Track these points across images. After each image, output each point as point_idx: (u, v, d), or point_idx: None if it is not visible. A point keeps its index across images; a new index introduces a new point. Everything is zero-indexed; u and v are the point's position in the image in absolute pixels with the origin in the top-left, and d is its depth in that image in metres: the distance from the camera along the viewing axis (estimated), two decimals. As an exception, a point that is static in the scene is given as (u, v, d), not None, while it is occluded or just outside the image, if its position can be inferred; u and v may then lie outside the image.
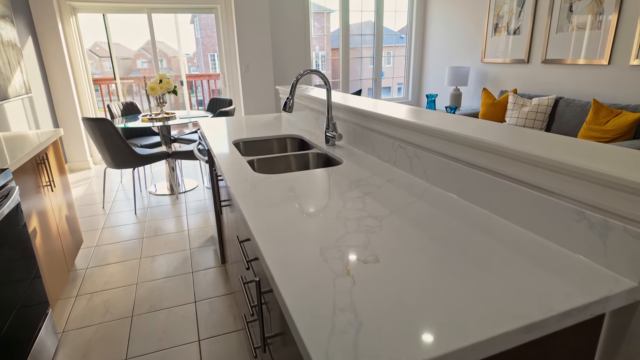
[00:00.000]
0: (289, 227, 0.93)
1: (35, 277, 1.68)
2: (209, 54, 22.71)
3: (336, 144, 1.79)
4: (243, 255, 1.07)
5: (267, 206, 1.06)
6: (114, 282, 2.30)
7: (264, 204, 1.08)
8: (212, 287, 2.23)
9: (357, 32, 5.83)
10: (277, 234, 0.90)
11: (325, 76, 1.68)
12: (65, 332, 1.88)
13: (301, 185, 1.23)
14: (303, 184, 1.24)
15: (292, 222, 0.96)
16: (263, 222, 0.96)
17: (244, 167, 1.45)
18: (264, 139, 2.04)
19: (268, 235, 0.89)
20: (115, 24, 4.81)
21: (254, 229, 0.93)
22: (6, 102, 3.13)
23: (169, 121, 3.59)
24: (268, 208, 1.05)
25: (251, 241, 0.97)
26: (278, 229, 0.92)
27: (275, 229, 0.93)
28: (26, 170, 1.81)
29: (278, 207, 1.06)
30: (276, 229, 0.93)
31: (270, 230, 0.92)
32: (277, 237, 0.88)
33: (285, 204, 1.08)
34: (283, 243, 0.86)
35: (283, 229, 0.92)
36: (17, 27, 3.58)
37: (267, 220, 0.98)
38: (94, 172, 4.50)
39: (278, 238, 0.88)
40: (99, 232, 2.97)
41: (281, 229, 0.93)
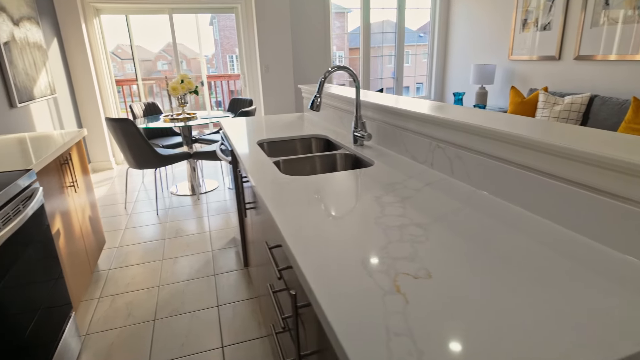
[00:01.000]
0: (325, 234, 0.86)
1: (59, 278, 1.66)
2: (228, 55, 22.92)
3: (365, 144, 1.71)
4: (273, 263, 1.00)
5: (299, 210, 0.99)
6: (136, 283, 2.28)
7: (295, 208, 1.01)
8: (234, 290, 2.18)
9: (377, 30, 5.73)
10: (312, 241, 0.83)
11: (354, 73, 1.60)
12: (88, 335, 1.86)
13: (332, 188, 1.15)
14: (334, 186, 1.17)
15: (327, 229, 0.88)
16: (296, 228, 0.89)
17: (270, 169, 1.39)
18: (288, 139, 1.97)
19: (302, 243, 0.82)
20: (137, 26, 4.84)
21: (288, 237, 0.86)
22: (32, 103, 3.17)
23: (191, 121, 3.57)
24: (299, 212, 0.98)
25: (283, 249, 0.90)
26: (313, 236, 0.85)
27: (309, 235, 0.85)
28: (50, 171, 1.79)
29: (310, 211, 0.98)
30: (311, 235, 0.85)
31: (305, 237, 0.85)
32: (312, 245, 0.81)
33: (318, 208, 1.00)
34: (320, 252, 0.78)
35: (318, 236, 0.85)
36: (42, 29, 3.62)
37: (299, 225, 0.90)
38: (116, 172, 4.53)
39: (314, 246, 0.81)
40: (121, 232, 2.97)
41: (316, 235, 0.85)
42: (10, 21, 2.91)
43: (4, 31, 2.79)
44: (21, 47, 3.05)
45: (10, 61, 2.84)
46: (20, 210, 1.34)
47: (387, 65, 6.27)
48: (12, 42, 2.90)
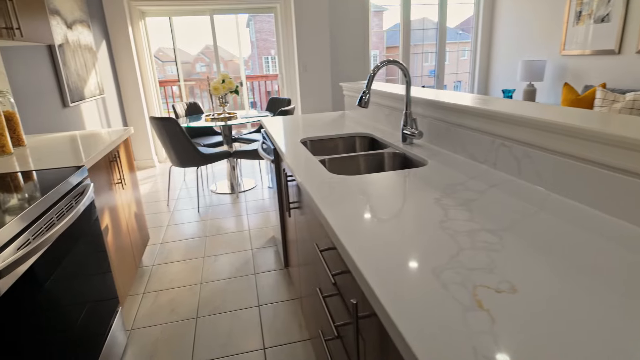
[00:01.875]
0: (386, 238, 0.79)
1: (107, 272, 1.69)
2: (263, 56, 23.27)
3: (414, 142, 1.62)
4: (326, 267, 0.94)
5: (353, 211, 0.93)
6: (179, 280, 2.30)
7: (349, 209, 0.94)
8: (275, 290, 2.15)
9: (415, 27, 5.57)
10: (372, 245, 0.76)
11: (405, 67, 1.52)
12: (133, 330, 1.89)
13: (386, 188, 1.08)
14: (388, 186, 1.10)
15: (387, 232, 0.82)
16: (352, 231, 0.83)
17: (317, 168, 1.34)
18: (331, 137, 1.92)
19: (362, 248, 0.76)
20: (177, 30, 4.96)
21: (345, 240, 0.79)
22: (82, 103, 3.30)
23: (231, 121, 3.60)
24: (354, 214, 0.92)
25: (340, 252, 0.84)
26: (372, 240, 0.78)
27: (368, 239, 0.79)
28: (100, 168, 1.83)
29: (365, 212, 0.92)
30: (370, 239, 0.79)
31: (363, 241, 0.78)
32: (373, 250, 0.74)
33: (373, 209, 0.94)
34: (382, 258, 0.72)
35: (379, 240, 0.78)
36: (92, 32, 3.78)
37: (356, 228, 0.84)
38: (158, 170, 4.66)
39: (375, 251, 0.74)
40: (164, 229, 3.02)
41: (376, 239, 0.79)
42: (64, 24, 3.04)
43: (59, 34, 2.92)
44: (74, 49, 3.18)
45: (64, 62, 2.96)
46: (73, 206, 1.37)
47: (424, 63, 6.12)
48: (65, 44, 3.02)
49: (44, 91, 2.68)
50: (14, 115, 1.89)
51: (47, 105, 2.69)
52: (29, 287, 1.05)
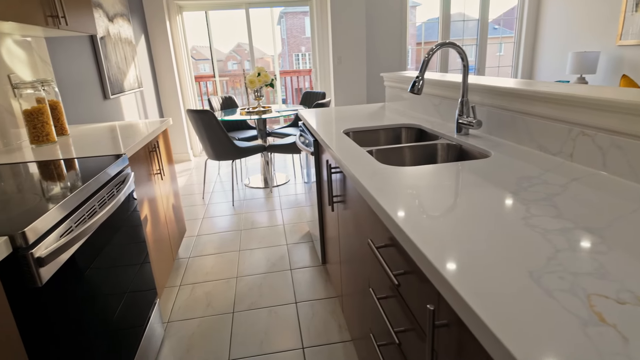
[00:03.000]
0: (462, 235, 0.69)
1: (145, 263, 1.66)
2: (294, 53, 23.35)
3: (470, 133, 1.50)
4: (385, 266, 0.85)
5: (416, 205, 0.83)
6: (214, 273, 2.27)
7: (411, 203, 0.84)
8: (311, 287, 2.07)
9: (453, 20, 5.33)
10: (447, 243, 0.66)
11: (463, 50, 1.39)
12: (170, 323, 1.86)
13: (450, 181, 0.97)
14: (452, 178, 0.99)
15: (461, 228, 0.71)
16: (420, 227, 0.73)
17: (366, 159, 1.24)
18: (376, 128, 1.81)
19: (435, 245, 0.66)
20: (211, 27, 4.97)
21: (414, 236, 0.70)
22: (122, 95, 3.34)
23: (266, 114, 3.56)
24: (418, 208, 0.82)
25: (406, 250, 0.75)
26: (445, 237, 0.68)
27: (440, 235, 0.69)
28: (139, 158, 1.81)
29: (432, 207, 0.82)
30: (442, 236, 0.69)
31: (434, 238, 0.68)
32: (450, 248, 0.64)
33: (441, 203, 0.83)
34: (463, 258, 0.61)
35: (453, 237, 0.68)
36: (132, 25, 3.83)
37: (423, 223, 0.74)
38: (194, 164, 4.70)
39: (452, 249, 0.64)
40: (199, 221, 3.02)
41: (450, 236, 0.68)
42: (106, 17, 3.08)
43: (101, 27, 2.96)
44: (114, 42, 3.22)
45: (105, 55, 3.00)
46: (114, 194, 1.34)
47: (457, 59, 5.94)
48: (107, 37, 3.06)
49: (86, 82, 2.72)
50: (58, 104, 1.90)
51: (88, 97, 2.73)
52: (70, 275, 1.02)
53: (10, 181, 1.21)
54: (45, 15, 1.65)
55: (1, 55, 1.78)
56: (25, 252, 0.84)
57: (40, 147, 1.70)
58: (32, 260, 0.85)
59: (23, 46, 1.95)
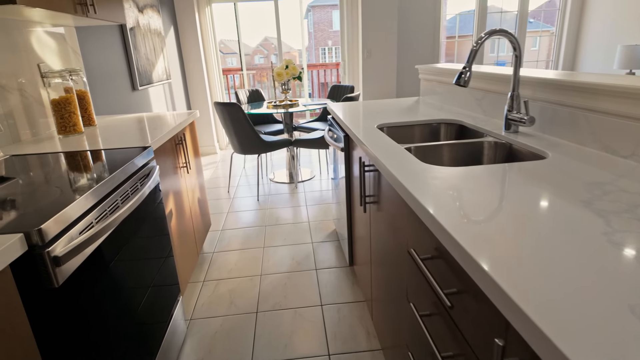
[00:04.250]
0: (535, 254, 0.57)
1: (169, 257, 1.62)
2: (320, 47, 23.21)
3: (520, 130, 1.36)
4: (434, 284, 0.75)
5: (471, 212, 0.72)
6: (238, 270, 2.22)
7: (465, 209, 0.74)
8: (338, 290, 1.99)
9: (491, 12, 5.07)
10: (517, 263, 0.55)
11: (516, 39, 1.25)
12: (192, 320, 1.82)
13: (507, 185, 0.85)
14: (509, 182, 0.87)
15: (533, 245, 0.60)
16: (479, 241, 0.62)
17: (406, 157, 1.13)
18: (412, 124, 1.69)
19: (503, 266, 0.55)
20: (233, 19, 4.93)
21: (475, 252, 0.59)
22: (150, 87, 3.34)
23: (293, 108, 3.48)
24: (473, 215, 0.71)
25: (461, 265, 0.64)
26: (511, 253, 0.57)
27: (504, 251, 0.58)
28: (165, 150, 1.77)
29: (489, 215, 0.71)
30: (506, 251, 0.58)
31: (500, 256, 0.58)
32: (521, 270, 0.53)
33: (499, 211, 0.72)
34: (540, 282, 0.50)
35: (524, 255, 0.57)
36: (162, 17, 3.82)
37: (483, 236, 0.63)
38: (219, 157, 4.69)
39: (525, 271, 0.53)
40: (224, 216, 2.98)
41: (516, 252, 0.57)
42: (136, 8, 3.07)
43: (131, 17, 2.94)
44: (144, 33, 3.21)
45: (135, 46, 2.99)
46: (138, 188, 1.28)
47: (489, 54, 5.70)
48: (136, 27, 3.05)
49: (115, 73, 2.71)
50: (86, 94, 1.87)
51: (117, 87, 2.72)
52: (89, 274, 0.96)
53: (34, 173, 1.18)
54: (74, 3, 1.61)
55: (31, 44, 1.77)
56: (42, 250, 0.78)
57: (67, 138, 1.68)
58: (49, 260, 0.79)
59: (54, 36, 1.94)
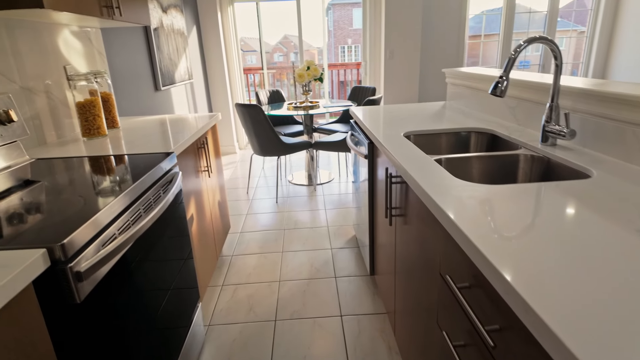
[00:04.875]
0: (594, 293, 0.52)
1: (190, 263, 1.60)
2: (340, 46, 23.10)
3: (558, 143, 1.28)
4: (472, 316, 0.69)
5: (515, 238, 0.66)
6: (257, 275, 2.19)
7: (508, 235, 0.68)
8: (357, 300, 1.94)
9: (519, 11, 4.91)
10: (576, 305, 0.50)
11: (557, 47, 1.18)
12: (211, 326, 1.80)
13: (551, 207, 0.79)
14: (552, 204, 0.80)
15: (590, 282, 0.54)
16: (526, 273, 0.57)
17: (437, 171, 1.07)
18: (441, 132, 1.63)
19: (559, 308, 0.50)
20: (254, 18, 4.91)
21: (523, 289, 0.54)
22: (173, 87, 3.35)
23: (313, 110, 3.44)
24: (518, 242, 0.65)
25: (506, 301, 0.59)
26: (570, 293, 0.52)
27: (563, 292, 0.52)
28: (187, 154, 1.75)
29: (539, 244, 0.65)
30: (566, 291, 0.52)
31: (554, 294, 0.52)
32: (583, 314, 0.48)
33: (550, 240, 0.66)
34: (606, 329, 0.45)
35: (583, 295, 0.51)
36: (185, 16, 3.83)
37: (531, 270, 0.58)
38: (239, 157, 4.69)
39: (587, 317, 0.47)
40: (243, 217, 2.97)
41: (576, 292, 0.52)
42: (160, 8, 3.08)
43: (155, 17, 2.95)
44: (167, 34, 3.22)
45: (158, 46, 3.00)
46: (161, 196, 1.27)
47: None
48: (160, 28, 3.06)
49: (138, 73, 2.72)
50: (110, 96, 1.88)
51: (140, 88, 2.73)
52: (111, 287, 0.95)
53: (58, 178, 1.17)
54: (100, 6, 1.61)
55: (58, 46, 1.77)
56: (64, 266, 0.76)
57: (91, 140, 1.68)
58: (71, 275, 0.77)
59: (80, 37, 1.95)
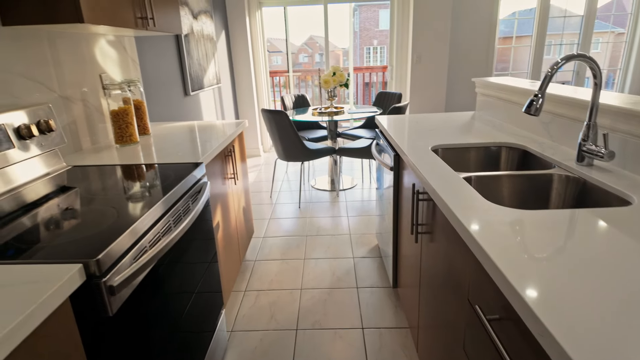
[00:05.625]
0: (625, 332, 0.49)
1: (215, 270, 1.63)
2: (365, 47, 22.97)
3: (595, 164, 1.23)
4: (501, 349, 0.67)
5: (553, 274, 0.64)
6: (279, 282, 2.21)
7: (546, 271, 0.66)
8: (379, 312, 1.92)
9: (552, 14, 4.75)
10: (609, 350, 0.47)
11: (597, 65, 1.13)
12: (233, 332, 1.83)
13: (597, 241, 0.76)
14: (597, 237, 0.77)
15: (628, 328, 0.52)
16: (563, 315, 0.55)
17: (467, 192, 1.05)
18: (470, 146, 1.60)
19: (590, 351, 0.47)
20: (281, 21, 4.95)
21: (558, 334, 0.52)
22: (201, 92, 3.42)
23: (338, 116, 3.44)
24: (556, 278, 0.63)
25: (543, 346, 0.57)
26: (615, 343, 0.49)
27: (607, 341, 0.50)
28: (215, 162, 1.78)
29: (571, 278, 0.62)
30: (610, 341, 0.50)
31: (595, 344, 0.50)
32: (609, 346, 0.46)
33: (586, 274, 0.63)
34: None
35: (629, 344, 0.49)
36: (214, 22, 3.90)
37: (570, 312, 0.56)
38: (263, 160, 4.74)
39: None
40: (266, 222, 3.00)
41: (621, 341, 0.49)
42: (191, 15, 3.15)
43: (185, 24, 3.02)
44: (197, 39, 3.29)
45: (188, 52, 3.07)
46: (190, 207, 1.29)
47: (545, 56, 5.32)
48: (190, 34, 3.13)
49: (169, 79, 2.79)
50: (142, 104, 1.93)
51: (170, 93, 2.80)
52: (140, 299, 0.97)
53: (92, 187, 1.21)
54: (136, 18, 1.66)
55: (95, 55, 1.84)
56: (99, 280, 0.79)
57: (124, 147, 1.73)
58: (105, 289, 0.80)
59: (115, 45, 2.01)
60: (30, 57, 1.45)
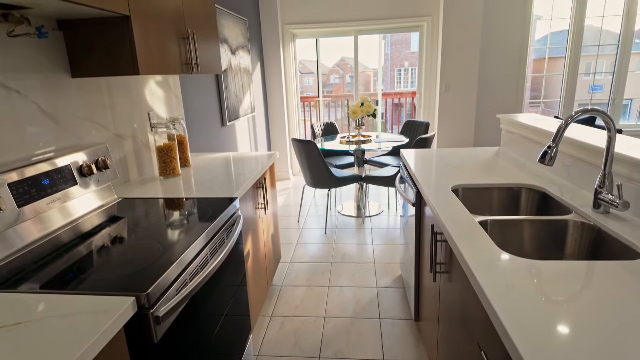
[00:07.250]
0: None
1: (242, 288, 1.73)
2: (396, 68, 23.13)
3: (611, 212, 1.26)
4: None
5: (564, 338, 0.70)
6: (304, 308, 2.29)
7: (553, 336, 0.72)
8: (401, 345, 1.96)
9: (593, 42, 4.70)
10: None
11: (611, 120, 1.18)
12: (259, 357, 1.92)
13: (606, 295, 0.81)
14: (606, 291, 0.82)
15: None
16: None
17: (481, 238, 1.11)
18: (491, 186, 1.65)
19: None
20: (313, 49, 5.16)
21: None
22: (237, 121, 3.63)
23: (366, 144, 3.54)
24: (569, 343, 0.69)
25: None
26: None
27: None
28: (247, 194, 1.92)
29: (593, 348, 0.68)
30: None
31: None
32: None
33: (603, 343, 0.69)
34: None
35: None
36: (250, 55, 4.15)
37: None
38: (292, 183, 4.89)
39: None
40: (293, 247, 3.10)
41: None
42: (230, 51, 3.39)
43: (224, 60, 3.26)
44: (234, 73, 3.52)
45: (226, 86, 3.29)
46: (224, 240, 1.42)
47: (583, 77, 5.18)
48: (228, 69, 3.36)
49: (208, 112, 3.00)
50: (184, 139, 2.11)
51: (209, 125, 3.01)
52: (179, 326, 1.09)
53: (139, 220, 1.37)
54: (182, 64, 1.85)
55: (144, 95, 2.05)
56: (147, 311, 0.91)
57: (167, 180, 1.91)
58: (152, 319, 0.92)
59: (161, 85, 2.23)
60: (92, 103, 1.65)
